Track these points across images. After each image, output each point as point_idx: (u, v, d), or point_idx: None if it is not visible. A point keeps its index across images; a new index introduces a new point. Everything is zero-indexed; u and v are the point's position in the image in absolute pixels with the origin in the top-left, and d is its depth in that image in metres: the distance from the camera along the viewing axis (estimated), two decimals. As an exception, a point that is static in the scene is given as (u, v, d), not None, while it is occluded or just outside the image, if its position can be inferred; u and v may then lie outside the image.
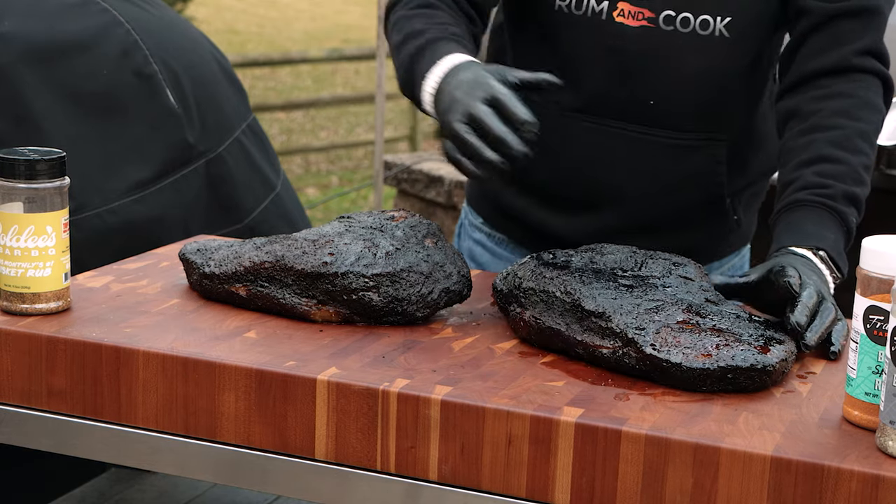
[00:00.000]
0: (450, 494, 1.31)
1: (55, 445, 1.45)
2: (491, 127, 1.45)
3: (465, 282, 1.56)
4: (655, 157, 1.77)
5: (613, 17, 1.72)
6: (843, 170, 1.64)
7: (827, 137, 1.65)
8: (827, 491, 1.18)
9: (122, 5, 2.27)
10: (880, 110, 1.71)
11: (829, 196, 1.61)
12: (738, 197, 1.86)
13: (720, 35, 1.71)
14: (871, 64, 1.71)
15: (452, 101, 1.52)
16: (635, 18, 1.71)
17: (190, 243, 1.65)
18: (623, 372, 1.39)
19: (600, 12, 1.72)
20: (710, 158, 1.79)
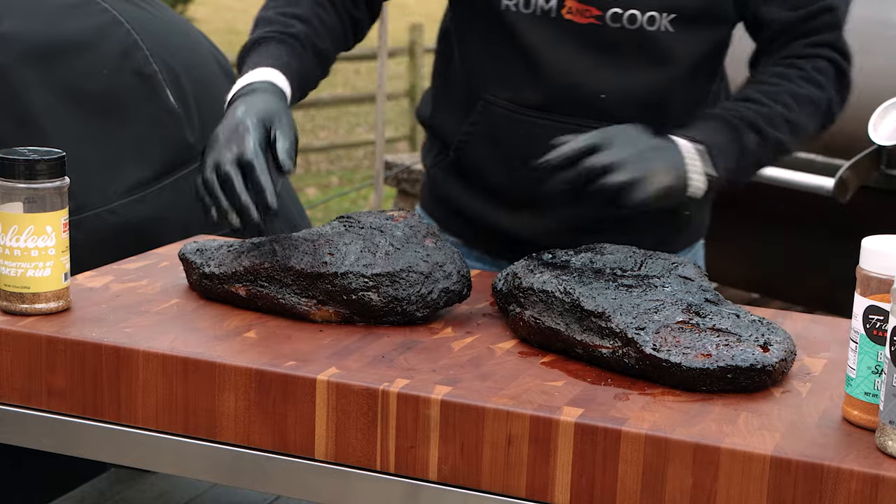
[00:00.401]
0: (449, 494, 1.31)
1: (55, 445, 1.45)
2: (237, 196, 1.51)
3: (464, 281, 1.56)
4: None
5: (562, 15, 1.74)
6: (761, 109, 1.72)
7: (758, 87, 1.75)
8: (827, 491, 1.18)
9: (122, 5, 2.27)
10: (824, 87, 1.77)
11: (734, 115, 1.70)
12: None
13: (666, 31, 1.74)
14: (825, 52, 1.79)
15: (214, 141, 1.56)
16: (583, 16, 1.74)
17: (189, 243, 1.65)
18: (623, 372, 1.39)
19: (549, 10, 1.74)
20: None
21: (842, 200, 3.05)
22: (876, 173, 3.08)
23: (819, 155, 3.19)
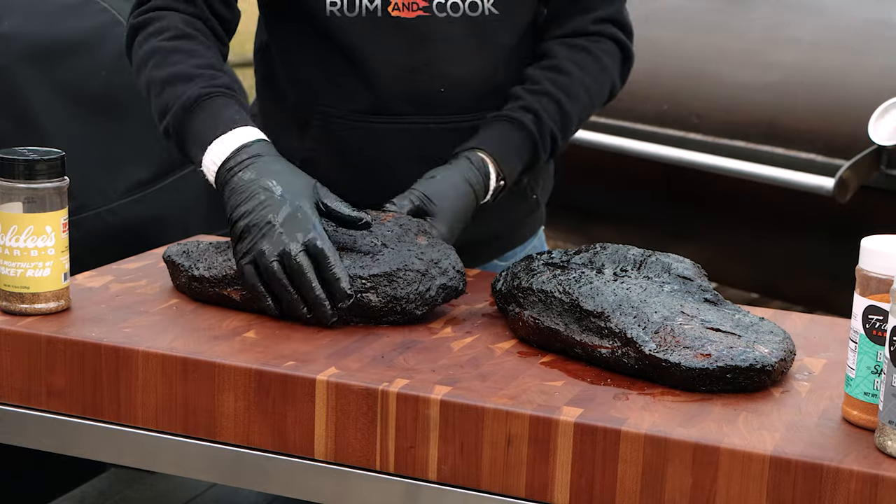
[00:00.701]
0: (449, 494, 1.31)
1: (55, 445, 1.46)
2: (311, 289, 1.47)
3: (460, 277, 1.56)
4: (447, 145, 1.77)
5: (389, 13, 1.72)
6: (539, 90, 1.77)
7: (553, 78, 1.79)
8: (826, 491, 1.18)
9: (122, 5, 2.27)
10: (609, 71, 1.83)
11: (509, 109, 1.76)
12: (535, 177, 1.90)
13: (490, 14, 1.75)
14: (611, 31, 1.83)
15: (267, 226, 1.49)
16: (411, 10, 1.73)
17: (172, 245, 1.64)
18: (622, 372, 1.39)
19: (375, 10, 1.72)
20: None
21: (842, 200, 3.05)
22: (876, 173, 3.08)
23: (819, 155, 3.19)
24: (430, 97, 1.77)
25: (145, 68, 1.71)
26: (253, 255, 1.49)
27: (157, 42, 1.71)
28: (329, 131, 1.79)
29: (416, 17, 1.73)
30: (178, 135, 1.65)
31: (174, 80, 1.66)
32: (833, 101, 3.20)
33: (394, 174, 1.76)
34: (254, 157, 1.56)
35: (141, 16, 1.75)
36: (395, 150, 1.77)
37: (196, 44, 1.71)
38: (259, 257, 1.48)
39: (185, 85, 1.65)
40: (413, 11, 1.73)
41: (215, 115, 1.62)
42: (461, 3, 1.74)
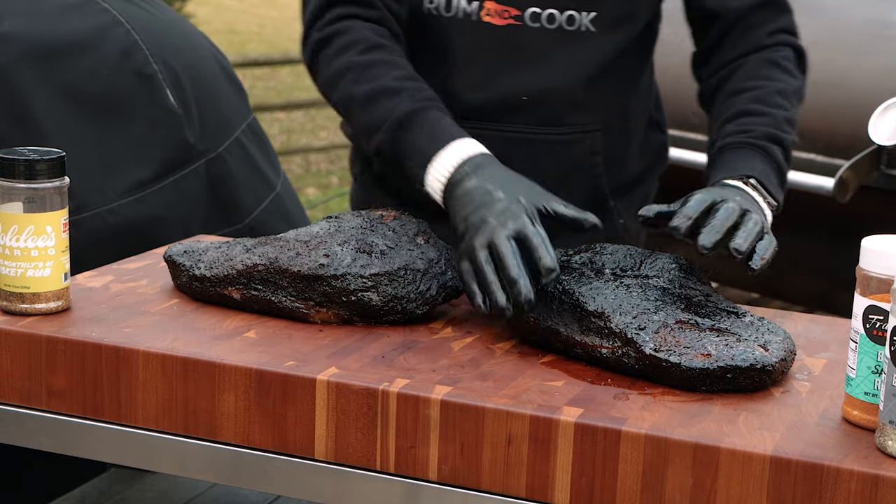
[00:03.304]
0: (449, 494, 1.31)
1: (55, 445, 1.46)
2: (508, 268, 1.43)
3: (460, 276, 1.56)
4: (532, 156, 1.77)
5: (482, 18, 1.72)
6: (763, 119, 1.70)
7: (747, 96, 1.73)
8: (826, 491, 1.18)
9: (122, 5, 2.27)
10: (795, 75, 1.78)
11: (752, 136, 1.68)
12: (624, 198, 1.88)
13: (586, 30, 1.73)
14: (784, 38, 1.80)
15: (482, 222, 1.48)
16: (502, 17, 1.72)
17: (174, 245, 1.64)
18: (622, 372, 1.39)
19: (470, 13, 1.72)
20: (586, 151, 1.81)
21: (842, 200, 3.05)
22: (876, 173, 3.07)
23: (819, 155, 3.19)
24: (512, 105, 1.76)
25: (340, 83, 1.70)
26: (468, 252, 1.48)
27: (350, 57, 1.69)
28: None
29: (506, 25, 1.72)
30: (393, 151, 1.64)
31: (378, 96, 1.65)
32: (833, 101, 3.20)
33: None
34: (476, 167, 1.55)
35: (325, 28, 1.73)
36: None
37: (389, 53, 1.70)
38: (471, 252, 1.47)
39: (392, 100, 1.64)
40: (504, 19, 1.72)
41: (431, 131, 1.61)
42: (558, 16, 1.72)
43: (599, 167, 1.83)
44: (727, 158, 1.67)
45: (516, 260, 1.43)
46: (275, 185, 2.47)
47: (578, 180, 1.82)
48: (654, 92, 1.95)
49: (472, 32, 1.73)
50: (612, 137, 1.84)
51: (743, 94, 1.74)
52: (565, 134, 1.79)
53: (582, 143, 1.81)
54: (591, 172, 1.83)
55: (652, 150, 1.95)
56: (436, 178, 1.58)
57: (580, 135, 1.81)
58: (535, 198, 1.51)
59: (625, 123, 1.87)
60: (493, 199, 1.50)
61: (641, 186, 1.93)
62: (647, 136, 1.93)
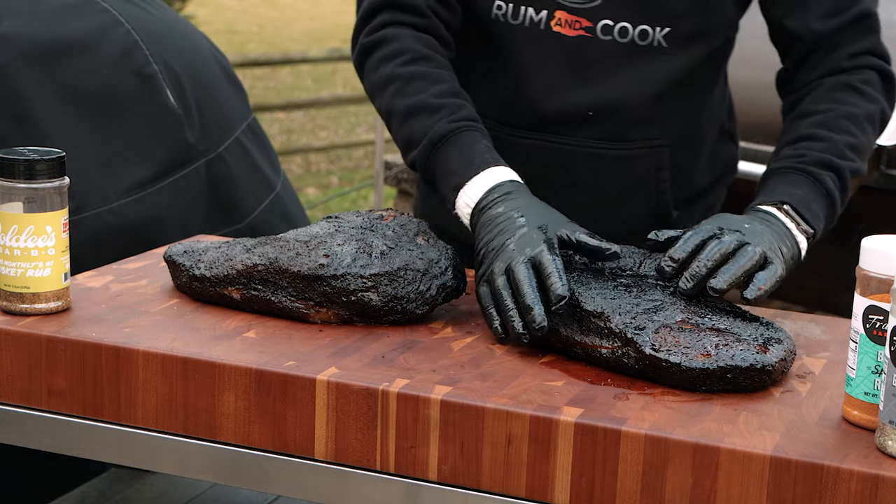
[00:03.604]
0: (449, 494, 1.31)
1: (55, 445, 1.46)
2: (524, 295, 1.43)
3: (460, 276, 1.56)
4: (596, 170, 1.74)
5: (551, 27, 1.69)
6: (823, 145, 1.65)
7: (812, 120, 1.68)
8: (826, 491, 1.18)
9: (122, 5, 2.27)
10: (875, 99, 1.71)
11: (803, 161, 1.63)
12: (688, 209, 1.85)
13: (658, 45, 1.69)
14: (869, 61, 1.72)
15: (502, 247, 1.49)
16: (573, 28, 1.68)
17: (174, 245, 1.64)
18: (622, 372, 1.39)
19: (538, 22, 1.69)
20: (652, 166, 1.77)
21: (842, 200, 3.05)
22: (876, 173, 3.07)
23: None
24: (576, 118, 1.72)
25: (384, 94, 1.69)
26: (486, 276, 1.49)
27: (394, 68, 1.68)
28: None
29: (576, 37, 1.68)
30: (427, 170, 1.64)
31: (417, 112, 1.64)
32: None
33: None
34: (505, 194, 1.55)
35: (372, 34, 1.72)
36: (532, 165, 1.72)
37: (434, 66, 1.68)
38: (490, 277, 1.48)
39: (430, 118, 1.63)
40: (574, 30, 1.68)
41: (466, 155, 1.60)
42: (630, 30, 1.68)
43: (665, 183, 1.79)
44: (771, 182, 1.64)
45: (532, 287, 1.43)
46: (275, 185, 2.47)
47: (641, 195, 1.78)
48: (726, 101, 1.90)
49: (540, 42, 1.69)
50: (681, 151, 1.80)
51: (808, 118, 1.69)
52: (629, 149, 1.75)
53: (647, 158, 1.77)
54: (657, 189, 1.79)
55: (722, 161, 1.90)
56: (465, 202, 1.58)
57: (646, 150, 1.76)
58: (557, 225, 1.50)
59: (694, 137, 1.82)
60: (515, 225, 1.50)
61: (707, 197, 1.89)
62: (717, 147, 1.88)
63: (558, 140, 1.74)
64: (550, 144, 1.73)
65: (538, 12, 1.68)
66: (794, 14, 1.72)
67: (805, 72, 1.74)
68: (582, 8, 1.67)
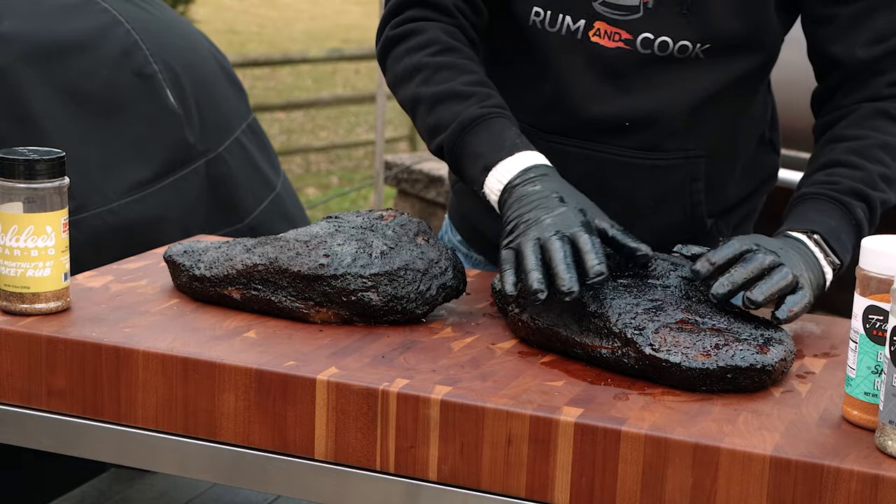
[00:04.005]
0: (449, 494, 1.31)
1: (55, 445, 1.46)
2: (556, 262, 1.41)
3: (460, 277, 1.56)
4: (630, 179, 1.73)
5: (589, 37, 1.67)
6: (856, 173, 1.62)
7: (845, 146, 1.64)
8: (826, 491, 1.18)
9: (122, 5, 2.28)
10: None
11: (835, 189, 1.60)
12: (725, 218, 1.83)
13: (697, 59, 1.67)
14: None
15: (536, 220, 1.47)
16: (612, 39, 1.66)
17: (174, 245, 1.64)
18: (622, 372, 1.39)
19: (576, 31, 1.67)
20: (687, 177, 1.75)
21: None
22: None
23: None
24: (612, 128, 1.71)
25: (410, 83, 1.67)
26: (518, 241, 1.46)
27: (422, 57, 1.67)
28: None
29: (614, 49, 1.67)
30: (454, 154, 1.63)
31: (446, 99, 1.63)
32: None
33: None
34: (541, 175, 1.54)
35: (398, 27, 1.71)
36: (568, 173, 1.68)
37: (462, 58, 1.67)
38: (519, 244, 1.45)
39: (460, 104, 1.62)
40: (613, 42, 1.66)
41: (498, 138, 1.59)
42: (671, 43, 1.66)
43: (700, 194, 1.77)
44: (802, 209, 1.61)
45: (566, 258, 1.41)
46: (275, 185, 2.48)
47: (675, 204, 1.77)
48: (768, 111, 1.87)
49: (577, 51, 1.68)
50: (717, 162, 1.78)
51: (842, 143, 1.66)
52: (665, 159, 1.74)
53: (682, 169, 1.75)
54: (691, 199, 1.77)
55: (761, 170, 1.88)
56: (497, 179, 1.56)
57: (681, 161, 1.75)
58: (596, 214, 1.49)
59: (731, 148, 1.80)
60: (553, 203, 1.49)
61: (744, 207, 1.87)
62: (757, 157, 1.86)
63: (594, 148, 1.72)
64: (586, 152, 1.72)
65: (576, 21, 1.67)
66: (838, 41, 1.69)
67: (842, 96, 1.71)
68: (623, 20, 1.66)
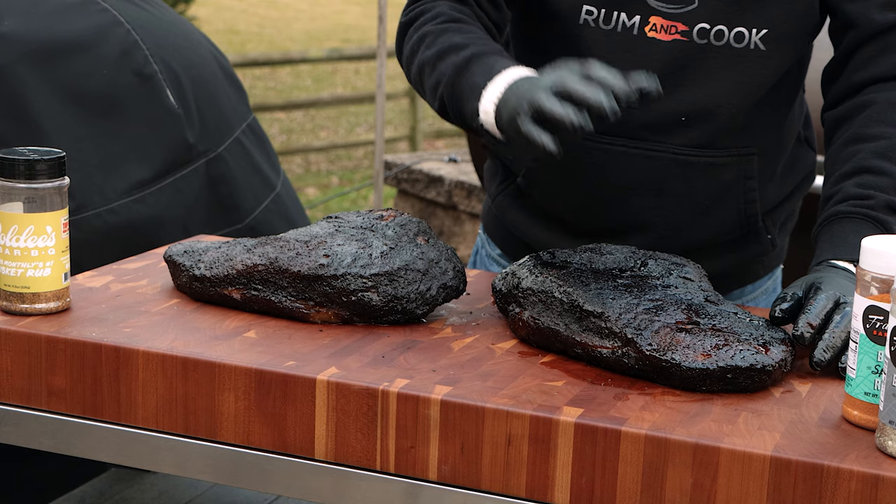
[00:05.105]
0: (449, 494, 1.31)
1: (55, 445, 1.46)
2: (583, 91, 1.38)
3: (460, 277, 1.56)
4: (685, 178, 1.71)
5: (645, 32, 1.65)
6: (886, 181, 1.58)
7: (871, 148, 1.61)
8: (826, 491, 1.18)
9: (122, 5, 2.28)
10: None
11: (870, 206, 1.56)
12: (772, 216, 1.81)
13: (755, 48, 1.66)
14: None
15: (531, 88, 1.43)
16: (668, 32, 1.65)
17: (174, 245, 1.64)
18: (622, 372, 1.39)
19: (632, 27, 1.66)
20: (741, 174, 1.74)
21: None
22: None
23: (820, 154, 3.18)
24: (669, 124, 1.69)
25: (415, 56, 1.66)
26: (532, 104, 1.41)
27: (427, 28, 1.66)
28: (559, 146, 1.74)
29: (671, 41, 1.65)
30: (453, 100, 1.59)
31: (445, 54, 1.61)
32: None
33: (615, 198, 1.71)
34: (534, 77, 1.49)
35: (410, 13, 1.71)
36: (621, 173, 1.69)
37: (468, 25, 1.65)
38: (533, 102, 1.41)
39: (458, 54, 1.59)
40: (670, 35, 1.65)
41: (489, 66, 1.55)
42: (726, 32, 1.64)
43: (753, 192, 1.75)
44: (839, 231, 1.56)
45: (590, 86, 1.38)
46: (275, 185, 2.48)
47: (729, 203, 1.75)
48: (804, 110, 1.86)
49: (633, 47, 1.66)
50: (766, 159, 1.76)
51: (865, 144, 1.61)
52: (719, 157, 1.72)
53: (736, 166, 1.73)
54: (745, 197, 1.75)
55: (803, 167, 1.86)
56: (490, 101, 1.52)
57: (735, 158, 1.73)
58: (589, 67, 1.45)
59: (778, 145, 1.79)
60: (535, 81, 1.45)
61: (788, 204, 1.85)
62: (797, 154, 1.84)
63: (648, 147, 1.70)
64: (640, 151, 1.70)
65: (631, 17, 1.66)
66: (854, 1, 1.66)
67: (853, 69, 1.68)
68: (678, 13, 1.64)
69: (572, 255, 1.56)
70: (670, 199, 1.72)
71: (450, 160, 5.76)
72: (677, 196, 1.72)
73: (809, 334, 1.39)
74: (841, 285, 1.45)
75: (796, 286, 1.47)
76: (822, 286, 1.44)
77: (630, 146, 1.70)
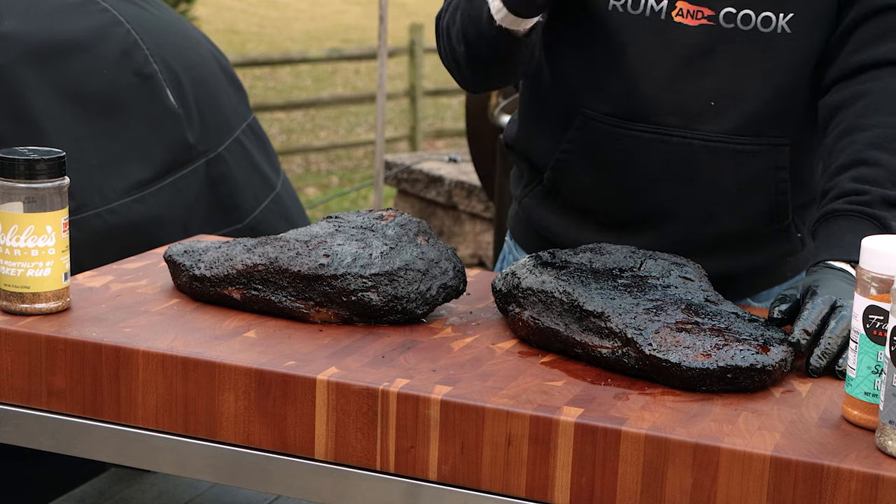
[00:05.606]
0: (449, 494, 1.31)
1: (55, 445, 1.46)
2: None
3: (460, 277, 1.56)
4: (715, 165, 1.70)
5: (672, 17, 1.66)
6: (881, 173, 1.57)
7: (865, 138, 1.59)
8: (826, 491, 1.18)
9: (122, 5, 2.28)
10: None
11: (866, 203, 1.55)
12: (802, 214, 1.79)
13: (782, 32, 1.65)
14: None
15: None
16: (694, 17, 1.65)
17: (174, 245, 1.64)
18: (622, 372, 1.39)
19: (659, 12, 1.66)
20: (771, 165, 1.71)
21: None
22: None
23: None
24: (697, 110, 1.68)
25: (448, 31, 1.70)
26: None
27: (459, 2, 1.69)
28: (587, 135, 1.72)
29: (698, 26, 1.65)
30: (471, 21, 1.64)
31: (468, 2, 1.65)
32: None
33: (645, 187, 1.70)
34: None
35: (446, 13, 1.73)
36: (651, 161, 1.68)
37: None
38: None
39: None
40: (696, 19, 1.65)
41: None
42: (753, 16, 1.64)
43: (784, 183, 1.72)
44: (835, 231, 1.55)
45: None
46: (275, 185, 2.48)
47: (760, 193, 1.72)
48: None
49: (661, 32, 1.66)
50: (800, 152, 1.74)
51: (860, 134, 1.59)
52: (750, 144, 1.70)
53: (767, 155, 1.71)
54: (776, 189, 1.72)
55: None
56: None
57: (766, 147, 1.70)
58: None
59: (811, 138, 1.76)
60: None
61: None
62: None
63: (677, 133, 1.69)
64: (670, 138, 1.69)
65: (658, 2, 1.66)
66: None
67: (850, 50, 1.66)
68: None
69: (572, 255, 1.56)
70: (700, 187, 1.70)
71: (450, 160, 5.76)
72: (707, 184, 1.71)
73: (805, 341, 1.39)
74: (837, 288, 1.45)
75: (795, 288, 1.47)
76: (818, 290, 1.43)
77: (659, 132, 1.69)
